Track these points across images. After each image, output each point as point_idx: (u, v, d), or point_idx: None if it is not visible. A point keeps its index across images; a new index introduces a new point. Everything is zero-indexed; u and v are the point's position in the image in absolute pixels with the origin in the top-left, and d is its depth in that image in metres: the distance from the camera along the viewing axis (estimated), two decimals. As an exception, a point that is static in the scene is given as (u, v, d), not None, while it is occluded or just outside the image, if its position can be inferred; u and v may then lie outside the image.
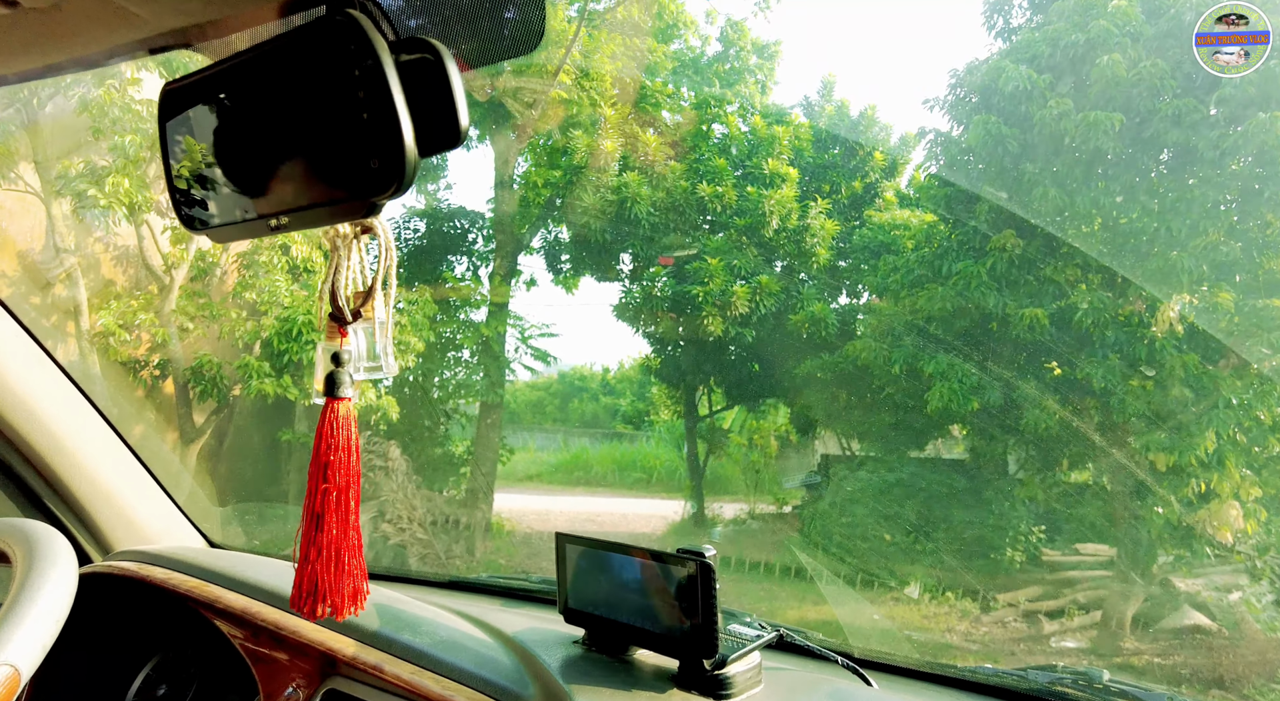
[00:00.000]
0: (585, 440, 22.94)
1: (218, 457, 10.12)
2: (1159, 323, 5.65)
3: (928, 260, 6.74)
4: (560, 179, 11.03)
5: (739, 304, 9.87)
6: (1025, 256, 6.16)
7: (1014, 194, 6.10)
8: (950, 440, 12.60)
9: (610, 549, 1.24)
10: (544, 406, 25.70)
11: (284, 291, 7.49)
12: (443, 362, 11.29)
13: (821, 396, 10.71)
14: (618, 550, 1.24)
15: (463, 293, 11.01)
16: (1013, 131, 5.68)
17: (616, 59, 11.91)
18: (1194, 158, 5.37)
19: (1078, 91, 5.57)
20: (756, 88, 12.49)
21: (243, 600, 1.45)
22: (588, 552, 1.27)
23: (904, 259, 7.52)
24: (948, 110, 6.62)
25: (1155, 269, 5.61)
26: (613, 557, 1.24)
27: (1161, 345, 5.71)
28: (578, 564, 1.28)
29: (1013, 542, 9.33)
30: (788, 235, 10.46)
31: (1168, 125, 5.23)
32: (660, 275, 10.65)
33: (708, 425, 14.14)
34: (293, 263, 7.93)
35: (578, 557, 1.29)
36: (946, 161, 7.22)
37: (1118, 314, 6.01)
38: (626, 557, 1.22)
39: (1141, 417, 5.93)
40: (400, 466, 10.11)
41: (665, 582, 1.16)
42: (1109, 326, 5.92)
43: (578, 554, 1.29)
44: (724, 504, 14.40)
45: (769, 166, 10.30)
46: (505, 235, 11.59)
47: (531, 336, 11.58)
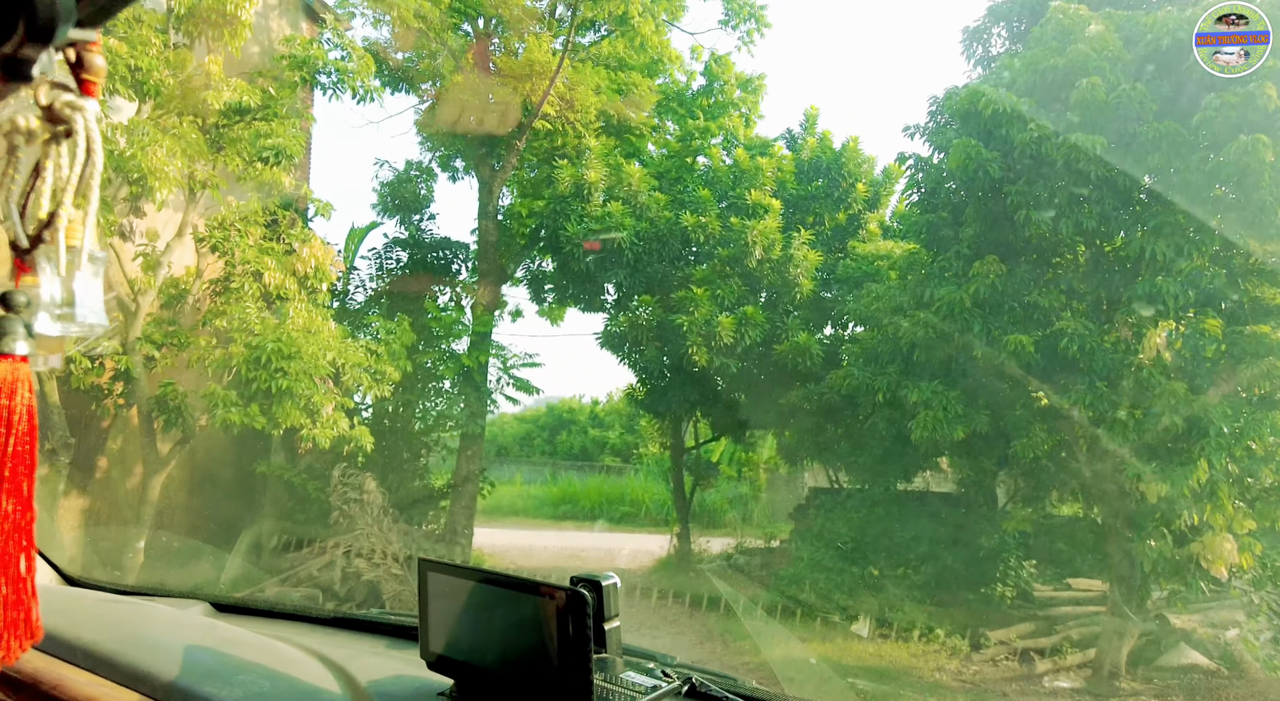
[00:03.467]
0: (573, 473, 22.55)
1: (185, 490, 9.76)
2: (1146, 349, 5.47)
3: (910, 287, 6.57)
4: (544, 209, 10.91)
5: (724, 334, 9.67)
6: (1009, 282, 6.00)
7: (996, 219, 5.96)
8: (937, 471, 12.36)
9: (480, 579, 1.03)
10: (532, 439, 25.32)
11: (254, 318, 7.25)
12: (423, 393, 11.01)
13: (808, 427, 10.46)
14: (488, 580, 1.02)
15: (444, 322, 10.77)
16: (993, 155, 5.55)
17: (601, 93, 11.90)
18: (1177, 181, 5.25)
19: (1058, 116, 5.47)
20: (740, 121, 12.49)
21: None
22: (455, 583, 1.04)
23: (887, 287, 7.35)
24: (928, 137, 6.52)
25: (1141, 295, 5.44)
26: (482, 590, 1.02)
27: (1150, 373, 5.53)
28: (444, 598, 1.04)
29: (1003, 577, 9.04)
30: (771, 266, 10.32)
31: (1149, 149, 5.12)
32: (648, 304, 10.46)
33: (694, 457, 13.84)
34: (265, 289, 7.71)
35: (444, 590, 1.05)
36: (928, 188, 7.10)
37: (1104, 340, 5.83)
38: (497, 589, 1.01)
39: (1131, 447, 5.71)
40: (376, 499, 9.78)
41: (538, 618, 0.95)
42: (1096, 353, 5.73)
43: (444, 585, 1.05)
44: (712, 538, 14.05)
45: (752, 197, 10.20)
46: (489, 264, 11.42)
47: (514, 367, 11.32)
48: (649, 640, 8.36)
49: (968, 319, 6.00)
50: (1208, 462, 5.38)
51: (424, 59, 11.88)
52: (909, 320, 6.35)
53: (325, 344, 7.71)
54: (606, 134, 11.93)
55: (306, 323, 7.46)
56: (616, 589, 0.99)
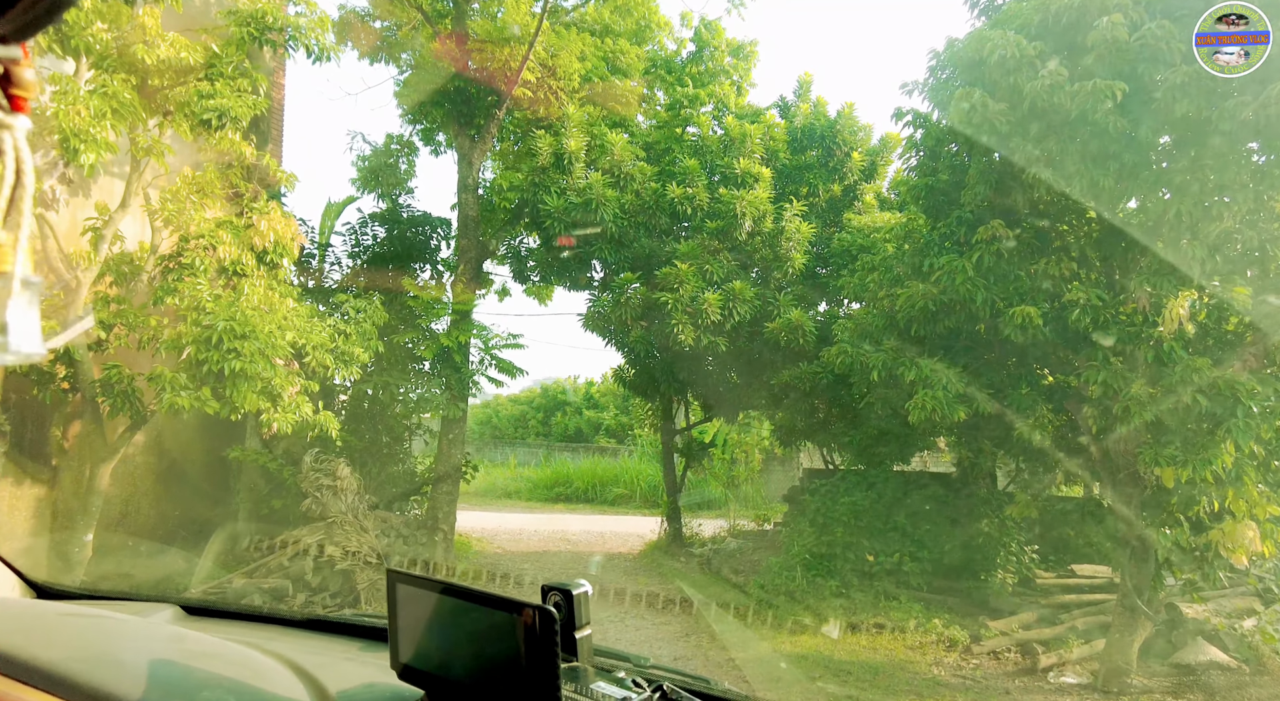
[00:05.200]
0: (567, 455, 22.11)
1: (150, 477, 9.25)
2: (1166, 321, 4.89)
3: (908, 257, 5.97)
4: (523, 182, 10.29)
5: (711, 311, 9.10)
6: (1015, 248, 5.40)
7: (1002, 179, 5.35)
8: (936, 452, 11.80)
9: (448, 592, 1.02)
10: (526, 420, 24.86)
11: (207, 296, 6.68)
12: (402, 375, 10.45)
13: (802, 408, 9.92)
14: (455, 594, 1.02)
15: (423, 300, 10.17)
16: (1000, 107, 4.94)
17: (585, 60, 11.23)
18: (1206, 131, 4.63)
19: (1073, 60, 4.84)
20: (731, 88, 11.81)
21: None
22: (424, 596, 1.05)
23: (882, 257, 6.75)
24: (928, 93, 5.89)
25: (1162, 260, 4.86)
26: (450, 603, 1.02)
27: (1170, 347, 4.96)
28: (412, 609, 1.06)
29: (1003, 563, 8.54)
30: (762, 239, 9.73)
31: (1176, 95, 4.50)
32: (632, 282, 9.86)
33: (686, 439, 13.32)
34: (220, 263, 7.13)
35: (413, 602, 1.06)
36: (927, 149, 6.47)
37: (1119, 311, 5.25)
38: (465, 603, 1.01)
39: (1148, 428, 5.15)
40: (350, 486, 9.25)
41: (507, 633, 0.93)
42: (1110, 325, 5.16)
43: (412, 597, 1.06)
44: (704, 520, 13.58)
45: (740, 166, 9.57)
46: (469, 240, 10.81)
47: (497, 347, 10.74)
48: (631, 631, 7.87)
49: (970, 289, 5.41)
50: (1234, 444, 4.83)
51: (403, 28, 11.23)
52: (906, 292, 5.76)
53: (284, 322, 7.15)
54: (591, 103, 11.27)
55: (263, 300, 6.89)
56: (587, 597, 0.99)
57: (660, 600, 8.71)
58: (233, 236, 7.20)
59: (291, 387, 7.29)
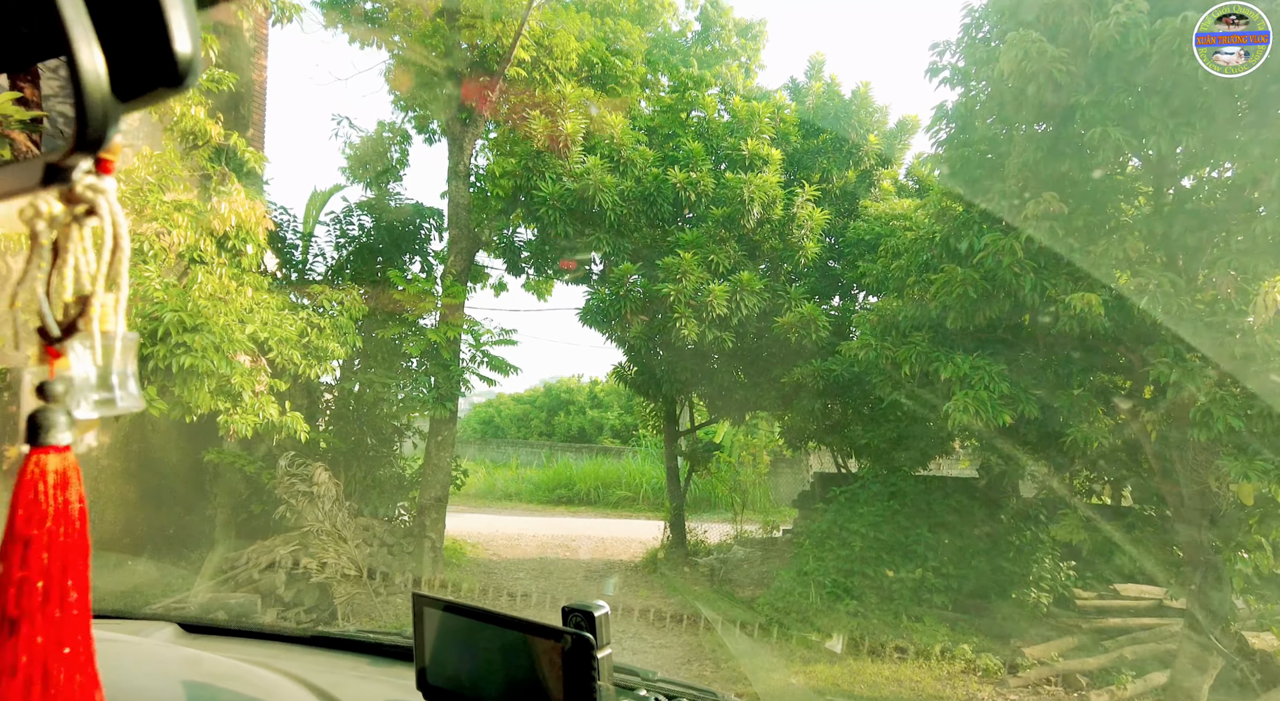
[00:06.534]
0: (570, 455, 21.30)
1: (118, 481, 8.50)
2: (1258, 310, 4.04)
3: (941, 238, 5.12)
4: (517, 167, 9.48)
5: (716, 304, 8.26)
6: (1073, 225, 4.55)
7: (1056, 143, 4.50)
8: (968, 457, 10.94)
9: (475, 616, 1.04)
10: (529, 420, 24.05)
11: (156, 283, 5.91)
12: (388, 373, 9.66)
13: (814, 408, 9.06)
14: (483, 617, 1.03)
15: (410, 293, 9.35)
16: (1060, 54, 4.09)
17: (584, 39, 10.42)
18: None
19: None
20: (739, 71, 10.98)
21: None
22: (450, 618, 1.06)
23: (910, 239, 5.89)
24: (963, 52, 5.05)
25: (1256, 237, 4.01)
26: (475, 626, 1.03)
27: (1262, 341, 4.11)
28: (440, 631, 1.07)
29: (1037, 580, 7.67)
30: (772, 227, 8.88)
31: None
32: (631, 272, 9.04)
33: (690, 440, 12.47)
34: (176, 249, 6.35)
35: (439, 623, 1.07)
36: (961, 117, 5.60)
37: (1196, 299, 4.41)
38: (496, 628, 1.01)
39: (1231, 435, 4.30)
40: (328, 491, 8.46)
41: (537, 657, 0.97)
42: (1185, 316, 4.32)
43: (439, 619, 1.07)
44: (710, 525, 12.74)
45: (748, 147, 8.73)
46: (460, 230, 10.01)
47: (488, 344, 9.93)
48: (628, 653, 7.06)
49: (1017, 273, 4.57)
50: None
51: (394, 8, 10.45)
52: (942, 276, 4.91)
53: (244, 315, 6.37)
54: (590, 86, 10.46)
55: (218, 288, 6.11)
56: (608, 618, 1.00)
57: (661, 617, 7.89)
58: (189, 220, 6.42)
59: (254, 386, 6.50)
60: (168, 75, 0.40)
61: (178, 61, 0.39)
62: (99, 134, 0.40)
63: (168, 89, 0.41)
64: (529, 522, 15.13)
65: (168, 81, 0.41)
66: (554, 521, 15.64)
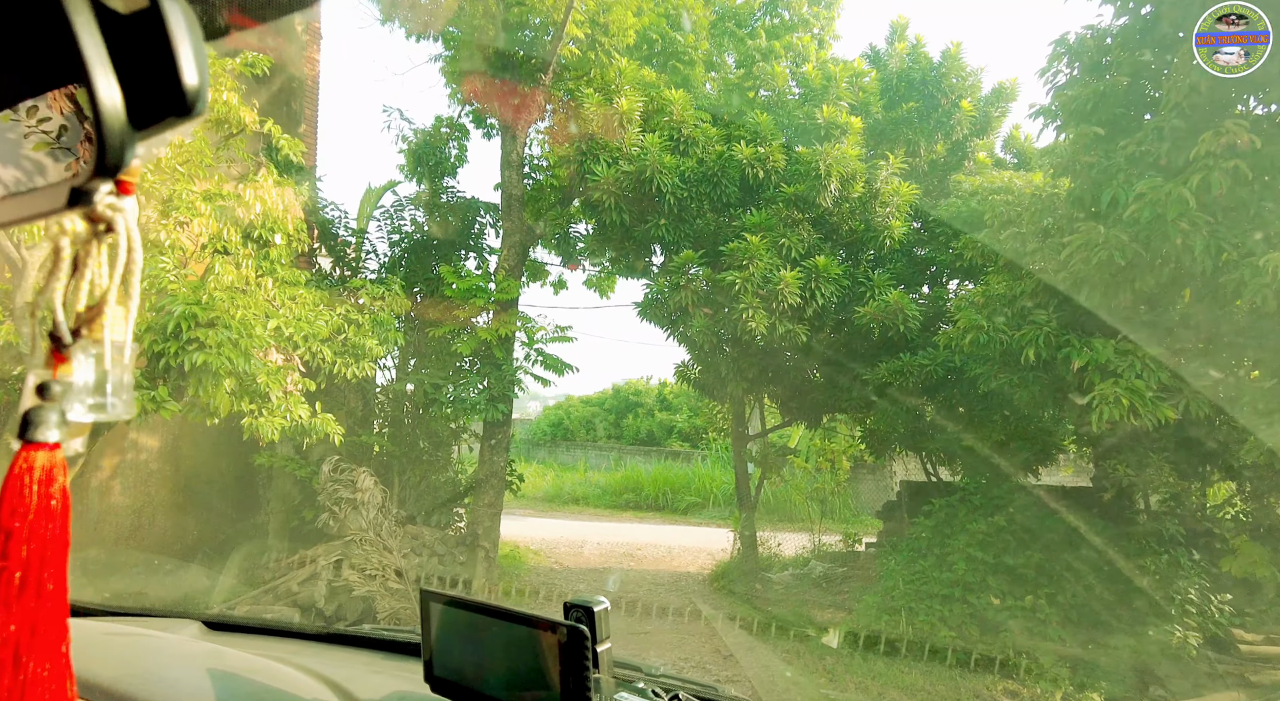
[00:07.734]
0: (639, 459, 20.49)
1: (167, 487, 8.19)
2: None
3: (1073, 194, 4.00)
4: (570, 152, 8.73)
5: (788, 293, 7.28)
6: (1264, 163, 3.40)
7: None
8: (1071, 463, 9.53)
9: (477, 609, 1.08)
10: (597, 423, 23.39)
11: (170, 275, 5.40)
12: (439, 374, 9.08)
13: (901, 408, 7.92)
14: (484, 611, 1.07)
15: (462, 290, 8.72)
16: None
17: (642, 15, 9.61)
18: None
19: None
20: (812, 42, 9.93)
21: None
22: (454, 613, 1.10)
23: (1028, 197, 4.76)
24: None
25: None
26: (479, 620, 1.07)
27: None
28: (444, 625, 1.11)
29: (1180, 616, 6.33)
30: (851, 205, 7.81)
31: None
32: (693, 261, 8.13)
33: (762, 445, 11.44)
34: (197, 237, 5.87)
35: (443, 618, 1.11)
36: (1086, 56, 4.46)
37: None
38: (497, 621, 1.05)
39: None
40: (373, 498, 7.89)
41: (537, 649, 1.01)
42: None
43: (444, 614, 1.11)
44: (784, 536, 11.67)
45: (824, 114, 7.68)
46: (513, 223, 9.35)
47: (543, 341, 9.20)
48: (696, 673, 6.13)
49: (1185, 230, 3.44)
50: None
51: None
52: (1079, 237, 3.80)
53: (268, 309, 5.81)
54: (650, 64, 9.64)
55: (236, 280, 5.56)
56: (607, 613, 1.02)
57: (729, 645, 6.94)
58: (212, 208, 5.92)
59: (283, 385, 5.94)
60: (177, 105, 0.42)
61: (186, 92, 0.42)
62: (117, 160, 0.43)
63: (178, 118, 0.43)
64: (594, 528, 14.39)
65: (178, 111, 0.43)
66: (620, 527, 14.85)
